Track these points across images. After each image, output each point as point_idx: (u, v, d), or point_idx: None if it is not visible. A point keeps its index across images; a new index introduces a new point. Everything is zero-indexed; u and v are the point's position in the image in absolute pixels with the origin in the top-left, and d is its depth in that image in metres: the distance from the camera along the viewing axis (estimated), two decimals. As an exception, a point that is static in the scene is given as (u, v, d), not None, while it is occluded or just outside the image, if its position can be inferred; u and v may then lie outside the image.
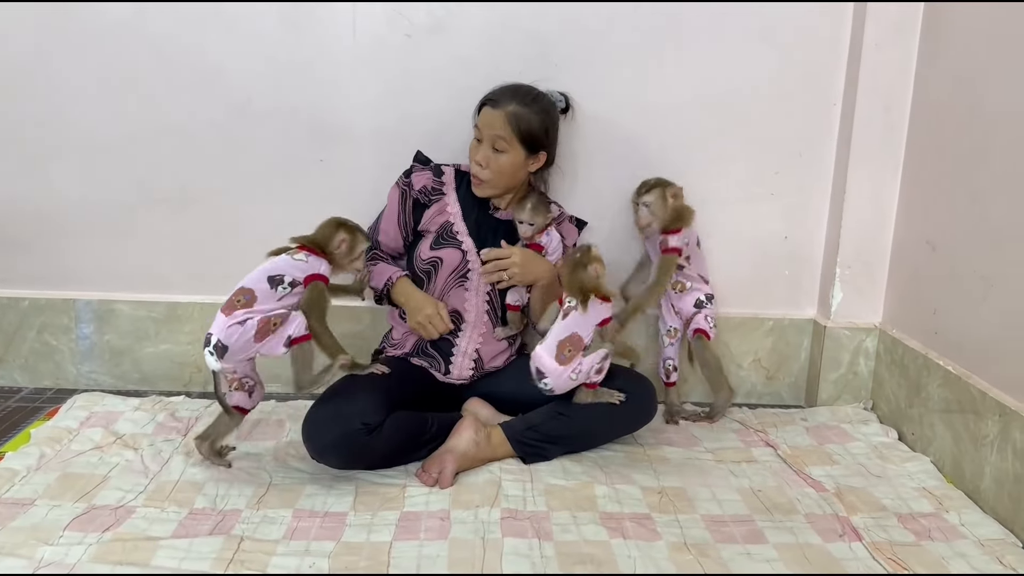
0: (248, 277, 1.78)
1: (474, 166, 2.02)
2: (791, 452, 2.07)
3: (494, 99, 2.00)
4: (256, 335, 1.72)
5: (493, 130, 1.98)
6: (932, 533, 1.71)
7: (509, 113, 1.97)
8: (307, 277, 1.79)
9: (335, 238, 1.85)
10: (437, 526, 1.68)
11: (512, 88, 2.03)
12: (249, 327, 1.72)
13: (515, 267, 2.00)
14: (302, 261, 1.80)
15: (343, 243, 1.85)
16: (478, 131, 2.02)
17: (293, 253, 1.81)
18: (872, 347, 2.34)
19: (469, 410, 2.06)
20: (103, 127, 2.28)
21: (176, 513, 1.71)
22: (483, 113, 2.01)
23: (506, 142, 1.99)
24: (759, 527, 1.72)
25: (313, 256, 1.82)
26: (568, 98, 2.18)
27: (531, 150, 2.03)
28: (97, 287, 2.39)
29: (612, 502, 1.79)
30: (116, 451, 1.97)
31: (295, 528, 1.67)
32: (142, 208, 2.34)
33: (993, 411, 1.81)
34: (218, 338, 1.72)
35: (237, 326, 1.71)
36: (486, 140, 2.00)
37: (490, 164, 2.01)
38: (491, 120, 1.99)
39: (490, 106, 2.00)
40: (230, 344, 1.72)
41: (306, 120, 2.29)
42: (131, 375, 2.43)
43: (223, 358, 1.73)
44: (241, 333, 1.71)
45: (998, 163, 1.87)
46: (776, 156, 2.36)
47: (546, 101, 2.06)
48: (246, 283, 1.77)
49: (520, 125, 1.98)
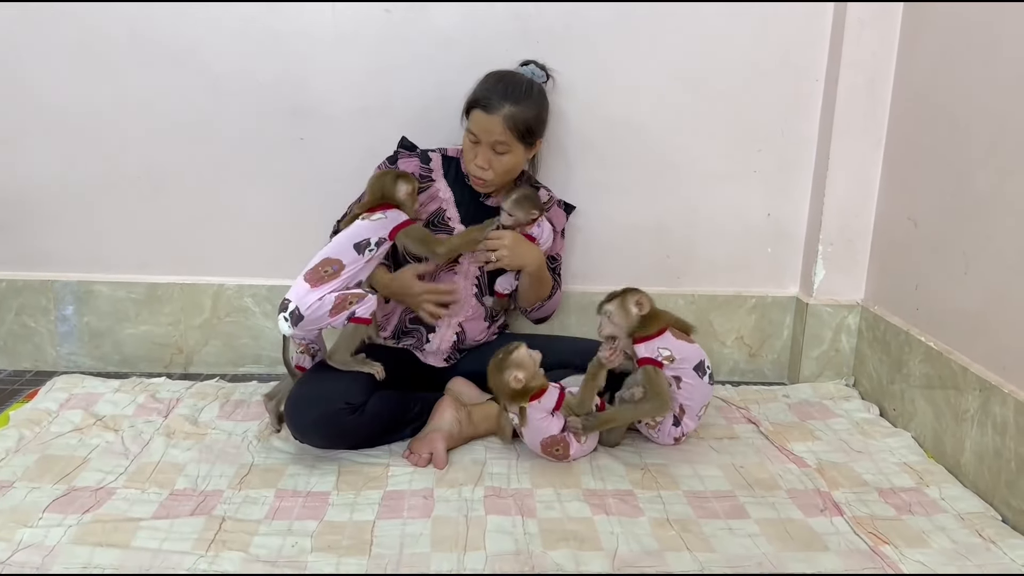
0: (330, 247, 1.83)
1: (474, 168, 1.98)
2: (773, 428, 2.07)
3: (486, 102, 1.93)
4: (331, 311, 1.77)
5: (492, 136, 1.93)
6: (913, 507, 1.72)
7: (506, 117, 1.92)
8: (392, 230, 1.87)
9: (400, 190, 1.90)
10: (421, 504, 1.68)
11: (502, 85, 1.96)
12: (327, 302, 1.76)
13: (504, 250, 1.97)
14: (381, 219, 1.86)
15: (408, 194, 1.90)
16: (472, 135, 1.96)
17: (367, 218, 1.86)
18: (854, 324, 2.35)
19: (452, 390, 2.05)
20: (72, 105, 2.24)
21: (157, 494, 1.69)
22: (476, 117, 1.95)
23: (507, 145, 1.95)
24: (741, 502, 1.72)
25: (390, 211, 1.88)
26: (547, 68, 2.13)
27: (529, 143, 2.00)
28: (76, 268, 2.36)
29: (596, 479, 1.80)
30: (96, 433, 1.95)
31: (278, 508, 1.66)
32: (114, 188, 2.30)
33: (973, 386, 1.82)
34: (296, 306, 1.75)
35: (317, 301, 1.75)
36: (484, 144, 1.95)
37: (492, 166, 1.97)
38: (487, 126, 1.93)
39: (483, 110, 1.93)
40: (306, 316, 1.75)
41: (283, 97, 2.25)
42: (111, 357, 2.41)
43: (296, 326, 1.77)
44: (318, 307, 1.76)
45: (980, 138, 1.86)
46: (758, 133, 2.35)
47: (536, 90, 2.02)
48: (331, 253, 1.81)
49: (518, 126, 1.93)
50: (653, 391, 1.84)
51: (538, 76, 2.08)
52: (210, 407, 2.11)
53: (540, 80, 2.08)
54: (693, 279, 2.44)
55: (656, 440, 1.95)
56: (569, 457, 1.85)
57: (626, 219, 2.38)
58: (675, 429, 1.92)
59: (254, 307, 2.37)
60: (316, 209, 2.23)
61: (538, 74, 2.09)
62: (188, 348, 2.40)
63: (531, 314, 2.18)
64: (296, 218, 2.31)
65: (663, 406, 1.85)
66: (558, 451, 1.83)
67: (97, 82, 2.23)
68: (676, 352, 1.86)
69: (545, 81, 2.11)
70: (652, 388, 1.84)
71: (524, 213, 1.98)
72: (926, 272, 2.06)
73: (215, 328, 2.39)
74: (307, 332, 1.84)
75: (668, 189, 2.37)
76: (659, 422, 1.91)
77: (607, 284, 2.37)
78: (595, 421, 1.85)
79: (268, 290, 2.36)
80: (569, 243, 2.32)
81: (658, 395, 1.84)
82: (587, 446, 1.87)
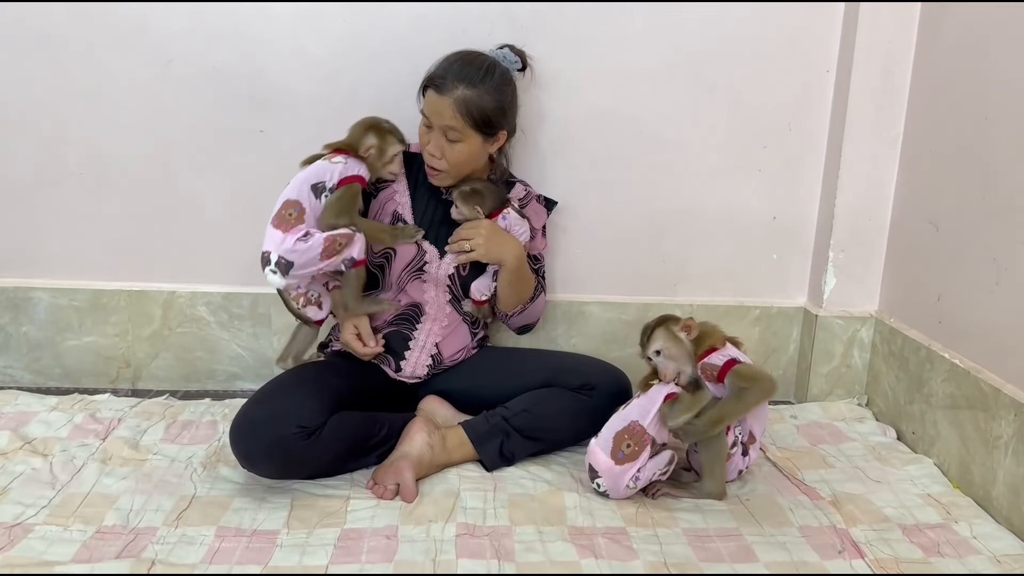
0: (289, 187, 1.72)
1: (427, 156, 1.80)
2: (781, 454, 1.89)
3: (438, 81, 1.75)
4: (322, 253, 1.69)
5: (443, 120, 1.75)
6: (942, 548, 1.53)
7: (457, 100, 1.73)
8: (341, 179, 1.73)
9: (364, 143, 1.77)
10: (382, 546, 1.47)
11: (458, 64, 1.77)
12: (315, 244, 1.68)
13: (479, 240, 1.79)
14: (340, 163, 1.74)
15: (371, 149, 1.78)
16: (425, 117, 1.79)
17: (330, 157, 1.75)
18: (867, 337, 2.17)
19: (425, 409, 1.86)
20: (6, 90, 2.04)
21: (81, 532, 1.49)
22: (428, 98, 1.77)
23: (458, 131, 1.76)
24: (748, 542, 1.53)
25: (351, 159, 1.76)
26: (524, 55, 1.92)
27: (488, 133, 1.80)
28: (12, 272, 2.16)
29: (583, 514, 1.60)
30: (22, 458, 1.74)
31: (217, 550, 1.45)
32: (54, 183, 2.10)
33: (1007, 409, 1.64)
34: (279, 255, 1.66)
35: (300, 242, 1.66)
36: (436, 128, 1.77)
37: (445, 154, 1.78)
38: (438, 108, 1.75)
39: (435, 90, 1.75)
40: (295, 260, 1.67)
41: (240, 84, 2.06)
42: (52, 371, 2.20)
43: (287, 275, 1.67)
44: (306, 250, 1.67)
45: (1009, 132, 1.70)
46: (763, 128, 2.17)
47: (498, 73, 1.81)
48: (290, 195, 1.71)
49: (472, 112, 1.74)
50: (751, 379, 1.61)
51: (510, 61, 1.87)
52: (154, 428, 1.91)
53: (513, 66, 1.87)
54: (691, 287, 2.27)
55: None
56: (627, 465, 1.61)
57: (617, 221, 2.20)
58: (743, 460, 1.71)
59: (208, 316, 2.17)
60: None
61: (510, 59, 1.87)
62: (136, 361, 2.19)
63: (512, 320, 1.97)
64: (255, 218, 2.06)
65: (771, 386, 1.62)
66: (628, 447, 1.61)
67: (34, 66, 2.03)
68: (743, 360, 1.67)
69: (521, 69, 1.90)
70: (748, 380, 1.61)
71: (468, 208, 1.81)
72: (950, 281, 1.88)
73: (166, 340, 2.19)
74: (300, 280, 1.73)
75: (663, 187, 2.19)
76: (731, 454, 1.69)
77: (596, 292, 2.23)
78: (702, 423, 1.61)
79: (224, 298, 2.16)
80: (553, 246, 2.13)
81: (756, 379, 1.62)
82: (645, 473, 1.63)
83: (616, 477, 1.62)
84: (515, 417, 1.78)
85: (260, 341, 2.18)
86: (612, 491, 1.64)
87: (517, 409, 1.79)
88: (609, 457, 1.63)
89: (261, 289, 2.01)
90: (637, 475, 1.62)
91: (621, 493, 1.64)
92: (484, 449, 1.76)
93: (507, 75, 1.84)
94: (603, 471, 1.63)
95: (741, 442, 1.69)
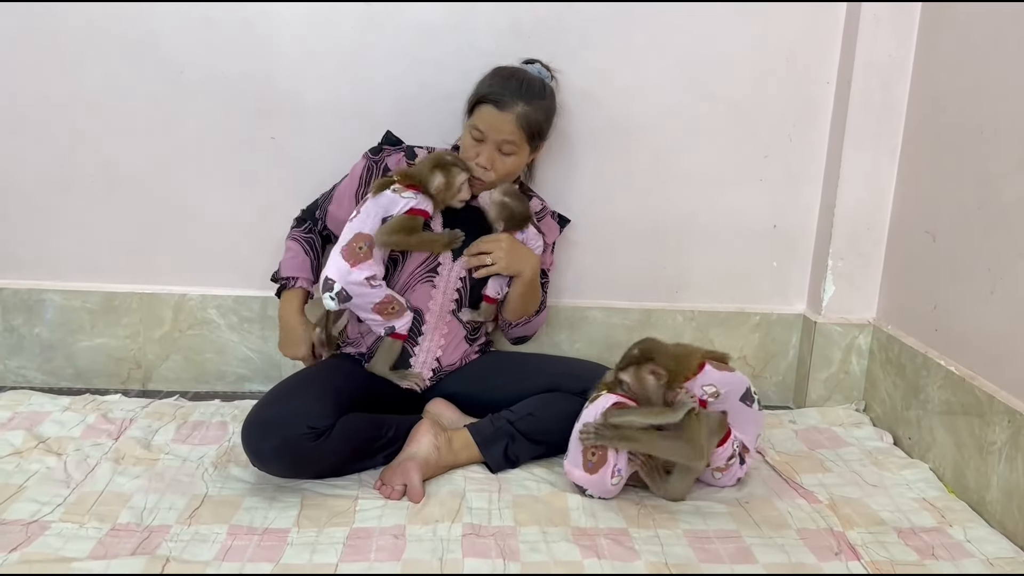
0: (360, 218, 1.79)
1: (477, 168, 1.84)
2: (780, 458, 1.91)
3: (498, 98, 1.79)
4: (376, 305, 1.80)
5: (501, 135, 1.80)
6: (936, 551, 1.56)
7: (520, 116, 1.79)
8: (410, 210, 1.79)
9: (433, 182, 1.81)
10: (390, 545, 1.50)
11: (515, 82, 1.83)
12: (376, 295, 1.78)
13: (500, 253, 1.83)
14: (411, 199, 1.79)
15: (440, 187, 1.81)
16: (478, 131, 1.82)
17: (400, 191, 1.79)
18: (865, 344, 2.20)
19: (431, 412, 1.89)
20: (21, 98, 2.07)
21: (96, 529, 1.52)
22: (485, 112, 1.81)
23: (515, 145, 1.82)
24: (747, 544, 1.56)
25: (421, 195, 1.80)
26: (552, 71, 1.97)
27: (535, 146, 1.89)
28: (25, 275, 2.19)
29: (586, 515, 1.63)
30: (37, 457, 1.77)
31: (229, 547, 1.48)
32: (67, 188, 2.13)
33: (1001, 416, 1.67)
34: (343, 287, 1.76)
35: (367, 286, 1.77)
36: (490, 142, 1.81)
37: (495, 166, 1.83)
38: (498, 124, 1.79)
39: (494, 106, 1.79)
40: (354, 297, 1.77)
41: (251, 92, 2.09)
42: (64, 371, 2.22)
43: (340, 304, 1.79)
44: (368, 295, 1.78)
45: (1005, 145, 1.72)
46: (764, 138, 2.20)
47: (549, 91, 1.89)
48: (362, 228, 1.77)
49: (531, 127, 1.82)
50: (687, 435, 1.63)
51: (544, 76, 1.93)
52: (165, 429, 1.93)
53: (548, 80, 1.94)
54: (693, 294, 2.29)
55: (718, 484, 1.76)
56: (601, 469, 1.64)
57: (620, 228, 2.23)
58: (741, 468, 1.75)
59: (219, 319, 2.20)
60: (286, 213, 2.05)
61: (544, 74, 1.94)
62: (147, 363, 2.22)
63: (513, 330, 2.01)
64: (265, 223, 2.14)
65: (697, 455, 1.64)
66: (594, 454, 1.65)
67: (48, 74, 2.06)
68: (720, 386, 1.68)
69: (551, 81, 1.95)
70: (687, 433, 1.62)
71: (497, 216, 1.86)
72: (946, 290, 1.91)
73: (176, 342, 2.21)
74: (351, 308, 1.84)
75: (666, 196, 2.22)
76: (729, 466, 1.72)
77: (599, 298, 2.26)
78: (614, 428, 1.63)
79: (234, 301, 2.19)
80: (558, 253, 2.15)
81: (691, 440, 1.63)
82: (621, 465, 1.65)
83: (597, 483, 1.66)
84: (520, 421, 1.80)
85: (269, 344, 2.21)
86: (603, 495, 1.68)
87: (522, 413, 1.81)
88: (582, 470, 1.66)
89: (270, 292, 2.04)
90: (616, 470, 1.65)
91: (611, 493, 1.68)
92: (489, 452, 1.79)
93: (553, 91, 1.92)
94: (584, 483, 1.67)
95: (738, 453, 1.73)
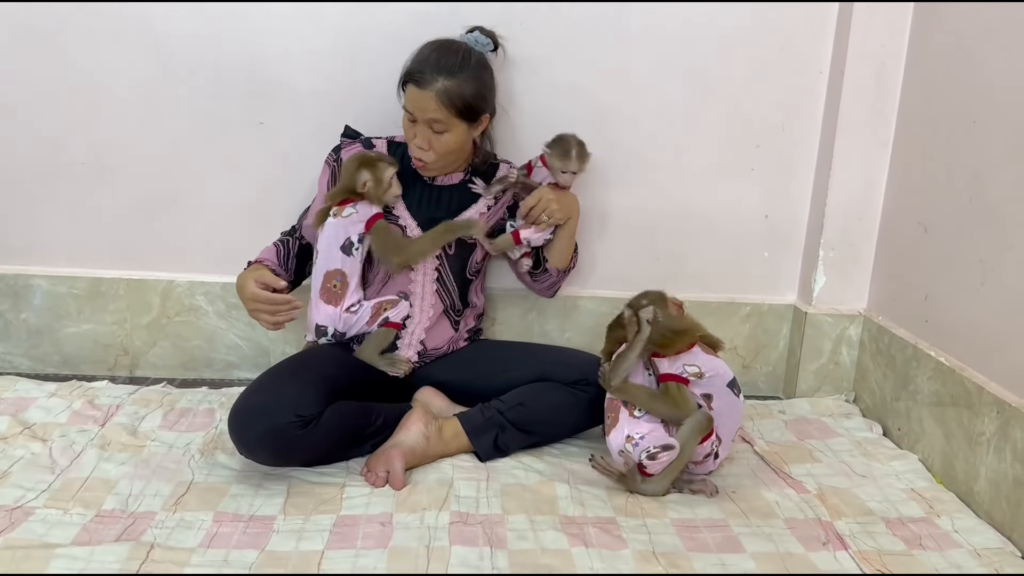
0: (322, 258, 1.81)
1: (415, 149, 1.82)
2: (769, 448, 1.91)
3: (418, 76, 1.76)
4: (369, 320, 1.84)
5: (426, 113, 1.77)
6: (924, 540, 1.56)
7: (439, 92, 1.75)
8: (367, 222, 1.81)
9: (358, 180, 1.80)
10: (377, 532, 1.49)
11: (434, 55, 1.79)
12: (363, 315, 1.83)
13: (554, 205, 1.88)
14: (353, 213, 1.80)
15: (367, 183, 1.81)
16: (409, 112, 1.80)
17: (338, 213, 1.80)
18: (856, 335, 2.20)
19: (420, 400, 1.88)
20: (6, 82, 2.05)
21: (81, 516, 1.51)
22: (410, 93, 1.79)
23: (443, 123, 1.78)
24: (735, 533, 1.56)
25: (359, 204, 1.81)
26: (495, 36, 1.92)
27: (472, 120, 1.83)
28: (12, 260, 2.17)
29: (575, 504, 1.63)
30: (22, 443, 1.76)
31: (215, 534, 1.47)
32: (54, 173, 2.11)
33: (990, 407, 1.67)
34: (335, 328, 1.83)
35: (350, 315, 1.82)
36: (421, 122, 1.79)
37: (433, 146, 1.81)
38: (421, 103, 1.77)
39: (415, 85, 1.77)
40: (348, 330, 1.84)
41: (240, 77, 2.07)
42: (51, 357, 2.21)
43: (340, 339, 1.86)
44: (356, 320, 1.83)
45: (997, 137, 1.71)
46: (756, 128, 2.18)
47: (474, 60, 1.83)
48: (328, 265, 1.81)
49: (455, 102, 1.76)
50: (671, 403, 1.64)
51: (482, 44, 1.88)
52: (152, 415, 1.92)
53: (485, 49, 1.88)
54: (683, 284, 2.25)
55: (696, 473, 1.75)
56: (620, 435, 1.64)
57: (612, 218, 2.22)
58: (713, 463, 1.74)
59: (207, 306, 2.18)
60: (275, 200, 2.05)
61: (482, 42, 1.88)
62: (134, 349, 2.21)
63: (557, 279, 2.05)
64: (253, 209, 2.13)
65: (680, 417, 1.65)
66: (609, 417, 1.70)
67: (36, 59, 2.04)
68: (706, 368, 1.67)
69: (493, 50, 1.91)
70: (671, 401, 1.64)
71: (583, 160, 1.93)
72: (937, 282, 1.91)
73: (164, 328, 2.20)
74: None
75: (657, 185, 2.20)
76: (704, 461, 1.71)
77: (590, 287, 2.25)
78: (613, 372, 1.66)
79: (222, 288, 2.17)
80: (548, 243, 2.14)
81: (676, 406, 1.64)
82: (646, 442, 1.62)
83: (609, 447, 1.68)
84: (510, 411, 1.80)
85: (257, 331, 2.19)
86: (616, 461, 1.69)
87: (512, 403, 1.81)
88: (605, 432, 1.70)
89: (259, 280, 2.02)
90: (636, 440, 1.61)
91: (617, 461, 1.69)
92: (479, 441, 1.78)
93: (483, 60, 1.86)
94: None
95: (715, 451, 1.70)
